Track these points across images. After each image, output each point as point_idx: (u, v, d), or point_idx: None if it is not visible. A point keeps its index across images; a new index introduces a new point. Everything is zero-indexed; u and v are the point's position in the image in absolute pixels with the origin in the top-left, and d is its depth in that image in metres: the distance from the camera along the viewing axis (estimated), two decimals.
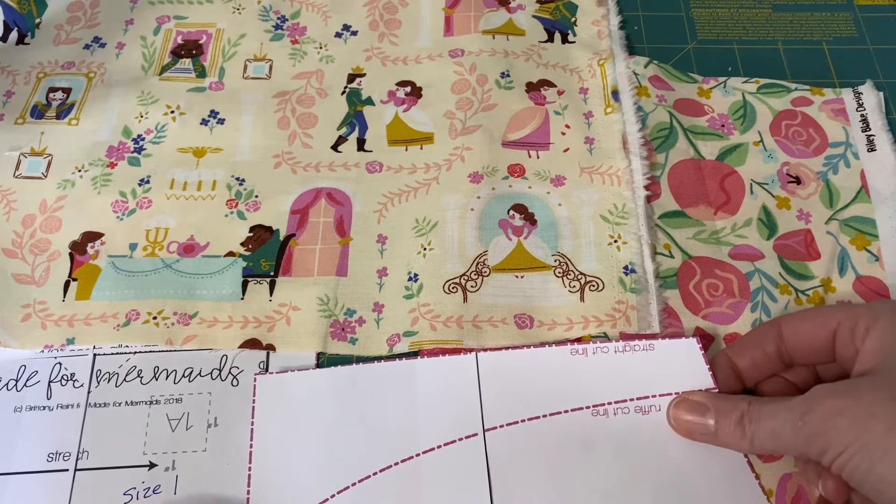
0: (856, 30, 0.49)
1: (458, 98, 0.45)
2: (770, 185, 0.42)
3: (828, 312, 0.32)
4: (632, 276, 0.38)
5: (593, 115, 0.44)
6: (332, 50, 0.48)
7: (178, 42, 0.48)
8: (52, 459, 0.34)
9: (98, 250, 0.40)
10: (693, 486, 0.32)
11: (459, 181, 0.42)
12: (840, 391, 0.28)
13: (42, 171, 0.42)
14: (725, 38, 0.49)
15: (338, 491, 0.33)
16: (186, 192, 0.42)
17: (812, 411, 0.28)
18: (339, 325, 0.37)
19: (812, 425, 0.28)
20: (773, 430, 0.29)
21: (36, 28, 0.49)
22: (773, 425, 0.29)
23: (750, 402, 0.31)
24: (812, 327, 0.32)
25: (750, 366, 0.33)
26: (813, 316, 0.32)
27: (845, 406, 0.27)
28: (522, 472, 0.33)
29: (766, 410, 0.30)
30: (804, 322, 0.32)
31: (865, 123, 0.44)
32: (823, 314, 0.32)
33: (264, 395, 0.35)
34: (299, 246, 0.40)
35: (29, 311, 0.38)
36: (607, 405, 0.34)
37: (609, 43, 0.47)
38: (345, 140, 0.44)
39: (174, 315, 0.37)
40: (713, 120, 0.44)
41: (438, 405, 0.34)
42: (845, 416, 0.27)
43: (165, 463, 0.34)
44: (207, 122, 0.44)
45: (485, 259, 0.39)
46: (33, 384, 0.36)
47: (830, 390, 0.28)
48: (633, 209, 0.40)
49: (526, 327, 0.37)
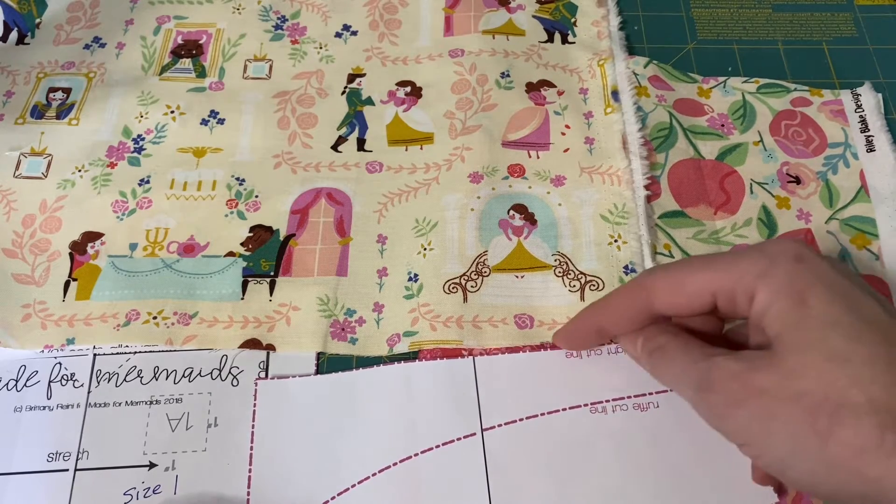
0: (856, 30, 0.49)
1: (458, 98, 0.45)
2: (770, 185, 0.42)
3: (701, 281, 0.28)
4: (632, 275, 0.38)
5: (593, 116, 0.44)
6: (332, 50, 0.48)
7: (178, 42, 0.48)
8: (52, 459, 0.34)
9: (98, 250, 0.40)
10: (694, 483, 0.32)
11: (459, 181, 0.42)
12: (738, 374, 0.25)
13: (42, 171, 0.42)
14: (725, 38, 0.49)
15: (338, 493, 0.33)
16: (186, 192, 0.42)
17: (712, 390, 0.26)
18: (339, 325, 0.37)
19: (713, 406, 0.26)
20: (673, 378, 0.28)
21: (36, 28, 0.49)
22: (673, 373, 0.28)
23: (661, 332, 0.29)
24: (685, 303, 0.29)
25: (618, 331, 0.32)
26: (683, 286, 0.29)
27: (745, 398, 0.25)
28: (521, 470, 0.33)
29: (671, 348, 0.28)
30: (676, 296, 0.29)
31: (864, 124, 0.44)
32: (695, 282, 0.28)
33: (265, 400, 0.35)
34: (299, 246, 0.40)
35: (29, 311, 0.38)
36: (605, 402, 0.34)
37: (609, 43, 0.47)
38: (345, 140, 0.44)
39: (174, 315, 0.37)
40: (713, 120, 0.44)
41: (436, 406, 0.34)
42: (745, 409, 0.25)
43: (165, 463, 0.34)
44: (207, 122, 0.44)
45: (485, 259, 0.39)
46: (33, 384, 0.36)
47: (730, 370, 0.26)
48: (633, 209, 0.40)
49: (526, 327, 0.37)
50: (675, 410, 0.34)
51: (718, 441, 0.33)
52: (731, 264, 0.28)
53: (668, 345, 0.29)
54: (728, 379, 0.26)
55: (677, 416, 0.34)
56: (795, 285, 0.26)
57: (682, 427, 0.34)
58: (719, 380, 0.26)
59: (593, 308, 0.33)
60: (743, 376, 0.25)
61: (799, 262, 0.26)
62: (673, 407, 0.34)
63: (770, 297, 0.26)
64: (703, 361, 0.27)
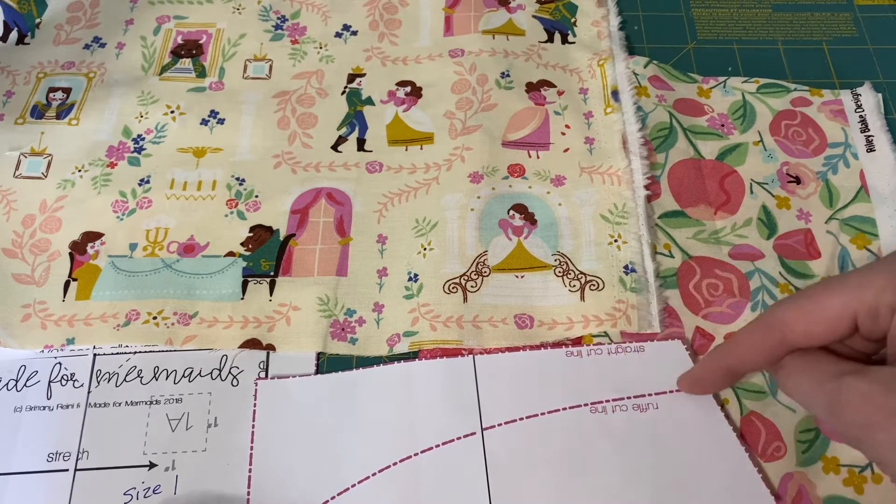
0: (856, 30, 0.49)
1: (458, 98, 0.45)
2: (770, 185, 0.42)
3: (838, 304, 0.26)
4: (632, 275, 0.38)
5: (593, 115, 0.44)
6: (332, 50, 0.48)
7: (178, 42, 0.48)
8: (52, 459, 0.34)
9: (98, 250, 0.40)
10: (694, 483, 0.32)
11: (459, 181, 0.42)
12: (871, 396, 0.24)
13: (42, 171, 0.42)
14: (725, 38, 0.49)
15: (338, 493, 0.33)
16: (186, 192, 0.42)
17: (843, 413, 0.25)
18: (339, 325, 0.37)
19: (847, 428, 0.25)
20: (803, 400, 0.27)
21: (36, 28, 0.49)
22: (801, 393, 0.27)
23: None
24: (824, 330, 0.27)
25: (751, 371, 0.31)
26: (820, 312, 0.27)
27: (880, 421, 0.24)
28: (521, 469, 0.33)
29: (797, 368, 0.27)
30: (814, 325, 0.27)
31: (864, 124, 0.44)
32: (832, 307, 0.27)
33: (265, 400, 0.35)
34: (299, 246, 0.40)
35: (29, 311, 0.38)
36: (605, 402, 0.34)
37: (609, 43, 0.47)
38: (345, 140, 0.44)
39: (174, 315, 0.37)
40: (713, 120, 0.44)
41: (436, 405, 0.34)
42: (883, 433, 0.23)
43: (165, 463, 0.34)
44: (207, 122, 0.44)
45: (485, 259, 0.39)
46: (33, 384, 0.36)
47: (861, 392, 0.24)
48: (633, 209, 0.40)
49: (526, 327, 0.37)
50: (674, 412, 0.34)
51: (717, 443, 0.33)
52: (868, 279, 0.26)
53: (793, 364, 0.28)
54: (860, 401, 0.24)
55: (676, 417, 0.34)
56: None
57: (682, 428, 0.34)
58: (850, 403, 0.25)
59: (721, 351, 0.31)
60: (877, 398, 0.24)
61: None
62: (672, 409, 0.34)
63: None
64: (832, 382, 0.25)
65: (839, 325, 0.27)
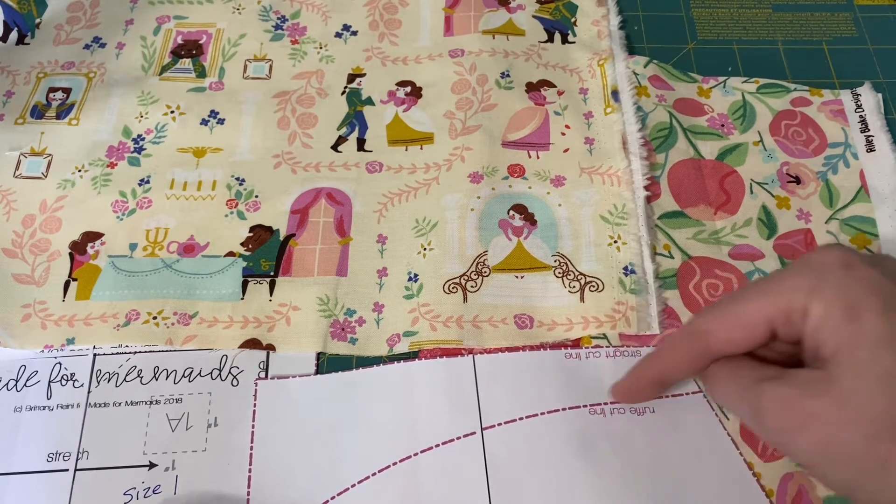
0: (856, 30, 0.49)
1: (458, 98, 0.45)
2: (770, 185, 0.42)
3: (754, 310, 0.27)
4: (632, 276, 0.38)
5: (593, 116, 0.44)
6: (332, 50, 0.48)
7: (178, 42, 0.48)
8: (52, 459, 0.34)
9: (98, 250, 0.40)
10: (690, 485, 0.32)
11: (459, 181, 0.42)
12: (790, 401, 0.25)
13: (42, 171, 0.42)
14: (725, 38, 0.49)
15: (338, 492, 0.33)
16: (186, 192, 0.42)
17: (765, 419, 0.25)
18: (339, 325, 0.37)
19: (770, 434, 0.26)
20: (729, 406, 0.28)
21: (36, 28, 0.49)
22: (727, 401, 0.28)
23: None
24: (744, 337, 0.27)
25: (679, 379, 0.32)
26: (739, 320, 0.27)
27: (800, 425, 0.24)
28: (521, 469, 0.33)
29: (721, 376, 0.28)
30: (734, 332, 0.28)
31: (864, 124, 0.44)
32: (749, 314, 0.27)
33: (265, 400, 0.35)
34: (299, 246, 0.40)
35: (29, 311, 0.38)
36: (604, 405, 0.34)
37: (609, 43, 0.47)
38: (345, 140, 0.44)
39: (174, 315, 0.37)
40: (713, 120, 0.44)
41: (436, 405, 0.34)
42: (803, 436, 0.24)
43: (165, 463, 0.34)
44: (207, 122, 0.44)
45: (485, 259, 0.39)
46: (33, 384, 0.36)
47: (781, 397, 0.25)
48: (632, 209, 0.40)
49: (526, 327, 0.37)
50: (672, 415, 0.34)
51: (714, 446, 0.33)
52: (780, 284, 0.26)
53: (717, 372, 0.28)
54: (780, 406, 0.25)
55: (674, 420, 0.34)
56: (847, 298, 0.24)
57: (679, 431, 0.34)
58: (769, 409, 0.25)
59: (648, 361, 0.32)
60: (795, 403, 0.24)
61: (847, 269, 0.25)
62: (669, 412, 0.34)
63: (823, 312, 0.25)
64: (753, 389, 0.26)
65: (757, 332, 0.27)
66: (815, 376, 0.25)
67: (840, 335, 0.24)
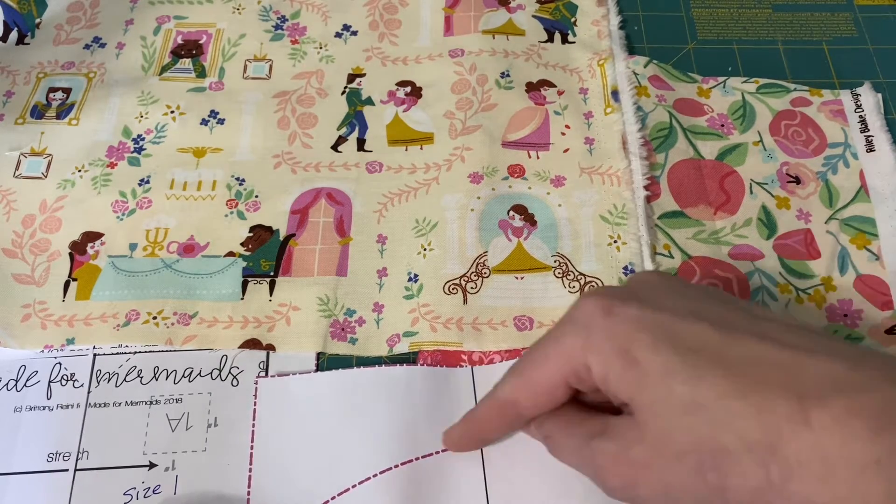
0: (856, 30, 0.49)
1: (457, 98, 0.45)
2: (770, 185, 0.42)
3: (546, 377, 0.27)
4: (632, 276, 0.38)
5: (593, 116, 0.44)
6: (332, 50, 0.48)
7: (178, 42, 0.48)
8: (52, 459, 0.34)
9: (98, 250, 0.40)
10: None
11: (459, 181, 0.42)
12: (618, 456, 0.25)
13: (42, 171, 0.42)
14: (725, 38, 0.49)
15: (338, 493, 0.33)
16: (186, 192, 0.42)
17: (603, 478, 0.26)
18: (339, 325, 0.37)
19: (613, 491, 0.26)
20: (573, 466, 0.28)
21: (36, 28, 0.49)
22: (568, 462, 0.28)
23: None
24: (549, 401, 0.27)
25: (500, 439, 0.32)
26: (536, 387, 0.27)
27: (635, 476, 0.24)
28: (519, 475, 0.33)
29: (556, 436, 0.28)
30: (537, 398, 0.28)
31: (864, 124, 0.44)
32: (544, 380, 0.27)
33: (265, 398, 0.35)
34: (299, 246, 0.40)
35: (29, 311, 0.38)
36: None
37: (609, 43, 0.47)
38: (345, 140, 0.44)
39: (174, 315, 0.37)
40: (713, 120, 0.44)
41: (437, 411, 0.34)
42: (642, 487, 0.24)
43: (165, 463, 0.34)
44: (207, 122, 0.44)
45: (485, 260, 0.39)
46: (33, 384, 0.36)
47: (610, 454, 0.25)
48: (632, 209, 0.40)
49: (526, 329, 0.37)
50: None
51: None
52: (558, 346, 0.26)
53: (551, 433, 0.28)
54: (612, 463, 0.25)
55: None
56: (617, 345, 0.24)
57: None
58: (604, 466, 0.25)
59: (468, 423, 0.31)
60: (622, 457, 0.25)
61: (608, 316, 0.25)
62: None
63: (603, 366, 0.25)
64: (585, 448, 0.26)
65: (559, 393, 0.27)
66: (629, 424, 0.25)
67: (627, 382, 0.24)
